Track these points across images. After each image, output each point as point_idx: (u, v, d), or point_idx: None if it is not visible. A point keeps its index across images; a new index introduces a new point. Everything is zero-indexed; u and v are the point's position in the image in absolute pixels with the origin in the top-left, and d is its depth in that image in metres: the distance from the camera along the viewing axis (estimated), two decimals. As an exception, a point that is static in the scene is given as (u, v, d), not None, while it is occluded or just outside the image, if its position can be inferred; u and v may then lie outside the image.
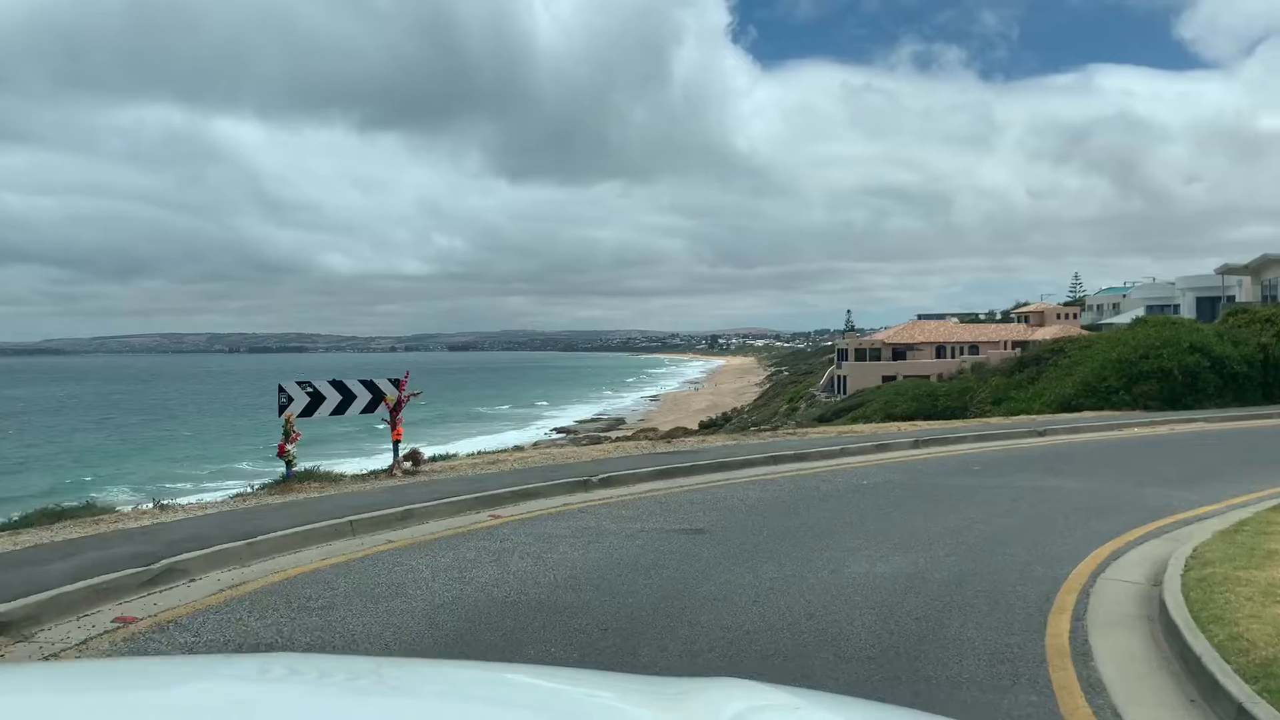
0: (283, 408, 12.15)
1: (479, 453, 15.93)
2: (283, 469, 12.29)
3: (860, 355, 69.17)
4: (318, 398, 12.48)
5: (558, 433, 63.11)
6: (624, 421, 74.12)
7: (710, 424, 55.21)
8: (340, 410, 12.67)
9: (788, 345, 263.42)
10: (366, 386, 12.94)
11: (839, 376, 68.19)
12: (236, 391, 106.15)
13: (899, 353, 68.84)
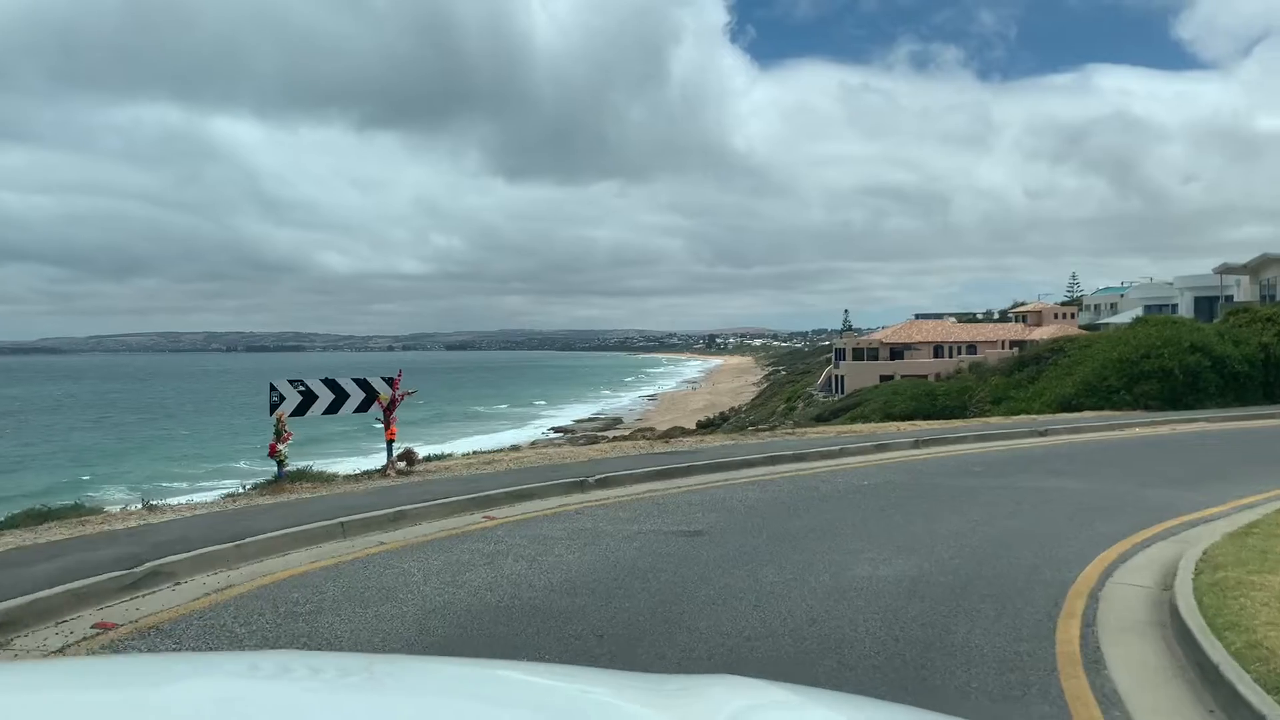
0: (274, 406, 11.95)
1: (474, 453, 15.73)
2: (274, 469, 12.11)
3: (858, 355, 69.10)
4: (310, 396, 12.28)
5: (555, 432, 63.02)
6: (621, 421, 74.02)
7: (708, 424, 55.08)
8: (333, 409, 12.47)
9: (785, 345, 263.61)
10: (360, 385, 12.74)
11: (836, 376, 68.09)
12: (234, 390, 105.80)
13: (897, 352, 68.78)
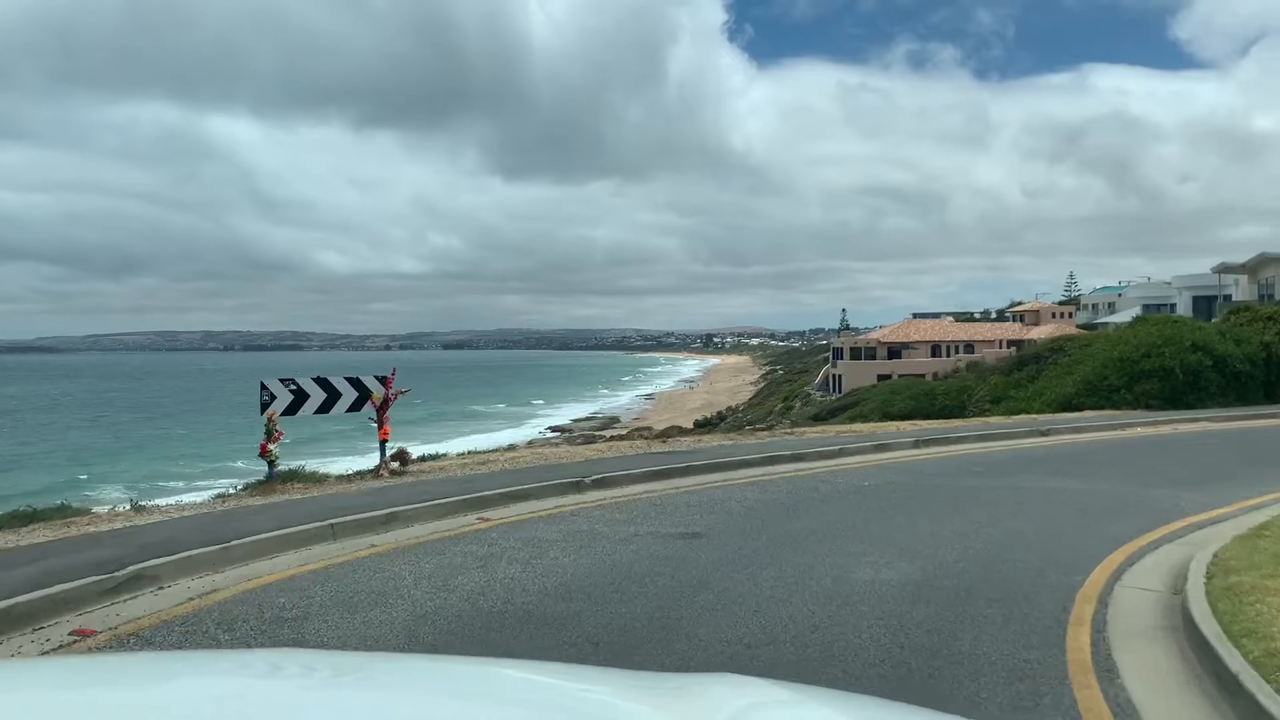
0: (265, 406, 11.75)
1: (469, 452, 15.53)
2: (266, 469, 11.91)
3: (855, 354, 68.98)
4: (301, 396, 12.08)
5: (553, 431, 62.89)
6: (618, 420, 73.89)
7: (705, 423, 54.97)
8: (325, 409, 12.26)
9: (783, 344, 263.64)
10: (352, 384, 12.54)
11: (834, 375, 67.97)
12: (231, 390, 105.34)
13: (894, 351, 68.66)
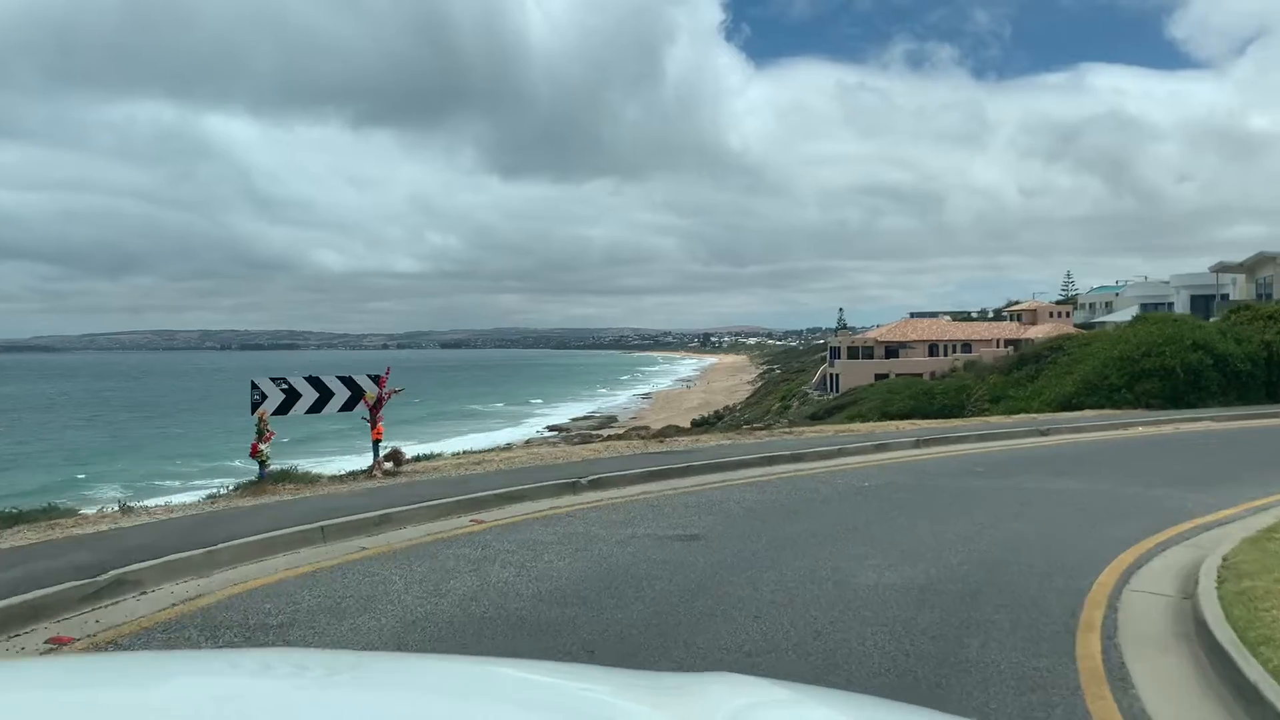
0: (256, 405, 11.55)
1: (464, 452, 15.33)
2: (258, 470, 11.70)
3: (853, 353, 68.87)
4: (293, 395, 11.88)
5: (551, 430, 62.71)
6: (616, 419, 73.71)
7: (703, 422, 54.78)
8: (316, 408, 12.07)
9: (780, 343, 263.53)
10: (345, 383, 12.34)
11: (831, 374, 67.82)
12: (228, 389, 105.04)
13: (892, 351, 68.57)
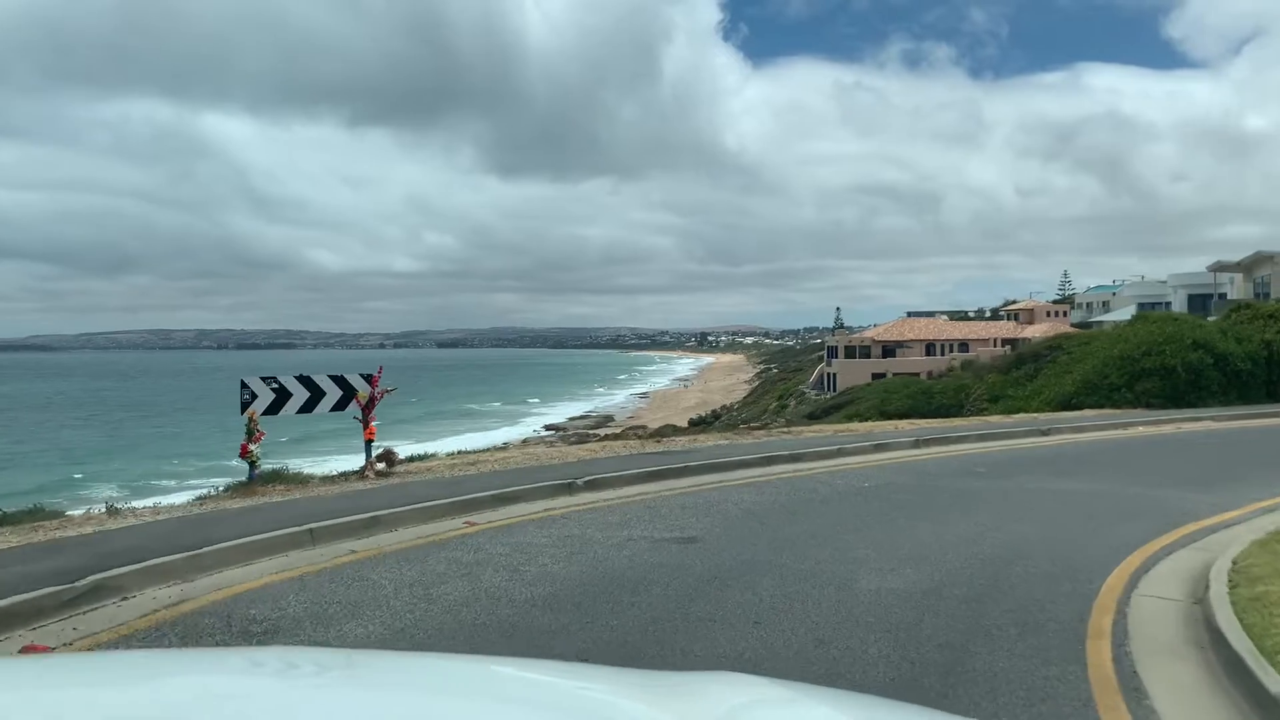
0: (246, 405, 11.37)
1: (458, 453, 15.13)
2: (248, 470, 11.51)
3: (850, 352, 68.79)
4: (284, 394, 11.69)
5: (548, 429, 62.55)
6: (613, 419, 73.56)
7: (700, 421, 54.60)
8: (308, 408, 11.87)
9: (777, 343, 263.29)
10: (337, 382, 12.15)
11: (829, 374, 67.74)
12: (225, 388, 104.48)
13: (889, 350, 68.51)
